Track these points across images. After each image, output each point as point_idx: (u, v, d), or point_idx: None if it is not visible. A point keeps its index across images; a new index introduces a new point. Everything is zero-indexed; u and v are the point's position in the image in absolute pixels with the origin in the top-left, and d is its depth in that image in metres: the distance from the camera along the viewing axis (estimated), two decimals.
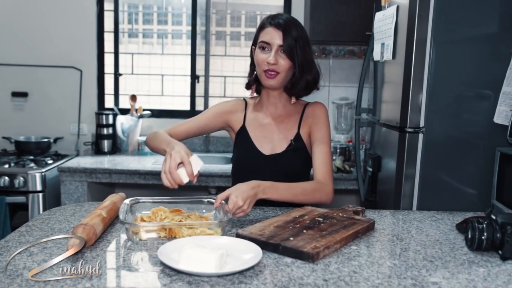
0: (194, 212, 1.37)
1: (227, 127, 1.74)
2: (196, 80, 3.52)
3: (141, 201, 1.40)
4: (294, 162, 1.63)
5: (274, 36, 1.55)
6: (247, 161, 1.38)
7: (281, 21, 1.55)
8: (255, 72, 1.65)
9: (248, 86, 1.71)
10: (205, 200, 1.43)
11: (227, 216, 1.26)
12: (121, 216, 1.22)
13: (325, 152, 1.61)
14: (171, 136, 1.56)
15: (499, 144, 1.84)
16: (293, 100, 1.69)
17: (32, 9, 3.39)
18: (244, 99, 1.76)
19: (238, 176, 1.63)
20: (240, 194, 1.31)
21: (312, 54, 1.64)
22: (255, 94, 1.73)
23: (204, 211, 1.41)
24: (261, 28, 1.60)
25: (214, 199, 1.38)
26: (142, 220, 1.29)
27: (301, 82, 1.60)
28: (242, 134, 1.69)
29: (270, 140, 1.67)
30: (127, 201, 1.36)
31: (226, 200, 1.33)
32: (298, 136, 1.66)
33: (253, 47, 1.64)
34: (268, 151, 1.65)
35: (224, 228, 1.25)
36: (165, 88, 3.62)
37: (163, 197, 1.43)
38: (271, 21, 1.57)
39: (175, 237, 1.22)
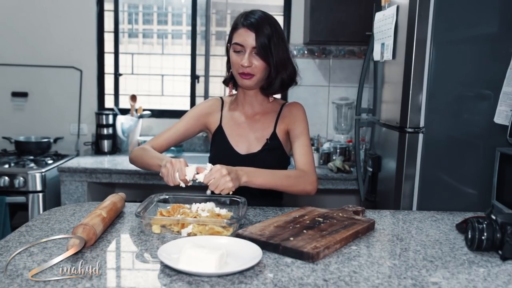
0: (212, 209, 1.38)
1: (205, 129, 1.73)
2: (196, 80, 3.52)
3: (176, 196, 1.45)
4: (270, 161, 1.60)
5: (246, 38, 1.52)
6: (223, 161, 1.37)
7: (253, 21, 1.52)
8: (231, 70, 1.63)
9: (225, 83, 1.71)
10: (228, 199, 1.44)
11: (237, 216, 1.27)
12: (139, 209, 1.27)
13: (305, 144, 1.60)
14: (154, 149, 1.59)
15: (499, 144, 1.84)
16: (271, 98, 1.68)
17: (33, 9, 3.39)
18: (221, 98, 1.75)
19: None
20: (225, 166, 1.31)
21: (288, 50, 1.61)
22: (233, 91, 1.72)
23: (225, 210, 1.42)
24: (234, 28, 1.56)
25: (239, 198, 1.40)
26: (161, 214, 1.31)
27: (276, 81, 1.59)
28: (219, 134, 1.68)
29: (246, 139, 1.66)
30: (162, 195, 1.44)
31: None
32: (274, 135, 1.64)
33: (228, 45, 1.61)
34: (244, 150, 1.64)
35: (235, 228, 1.25)
36: (165, 88, 3.62)
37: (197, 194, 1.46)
38: (244, 21, 1.53)
39: None
